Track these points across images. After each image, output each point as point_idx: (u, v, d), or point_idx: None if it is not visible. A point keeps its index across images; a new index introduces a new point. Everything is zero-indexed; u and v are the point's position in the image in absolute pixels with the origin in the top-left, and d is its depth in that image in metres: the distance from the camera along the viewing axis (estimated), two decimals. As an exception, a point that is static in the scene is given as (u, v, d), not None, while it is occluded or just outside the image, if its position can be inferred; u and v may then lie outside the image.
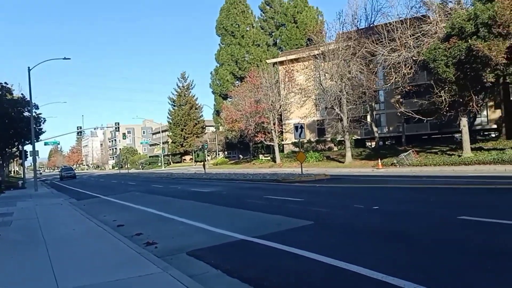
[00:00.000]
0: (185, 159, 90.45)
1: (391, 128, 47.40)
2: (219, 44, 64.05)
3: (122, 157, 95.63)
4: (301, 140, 24.67)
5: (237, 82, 61.52)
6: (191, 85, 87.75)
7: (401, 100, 36.54)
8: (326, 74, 35.77)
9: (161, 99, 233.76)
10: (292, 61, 47.13)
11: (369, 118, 44.67)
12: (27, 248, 8.09)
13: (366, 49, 32.44)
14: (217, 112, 66.07)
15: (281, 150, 51.15)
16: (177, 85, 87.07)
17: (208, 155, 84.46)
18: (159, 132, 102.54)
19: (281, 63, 48.32)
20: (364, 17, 35.10)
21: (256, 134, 46.13)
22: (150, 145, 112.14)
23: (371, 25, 34.61)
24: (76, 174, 63.00)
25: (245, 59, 60.90)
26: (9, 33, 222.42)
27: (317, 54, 35.36)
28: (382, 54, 25.66)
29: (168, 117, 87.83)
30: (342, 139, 47.82)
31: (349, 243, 6.77)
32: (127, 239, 8.46)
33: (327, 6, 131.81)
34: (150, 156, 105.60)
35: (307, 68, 39.84)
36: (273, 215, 9.79)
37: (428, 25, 24.11)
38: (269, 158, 50.71)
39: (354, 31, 34.24)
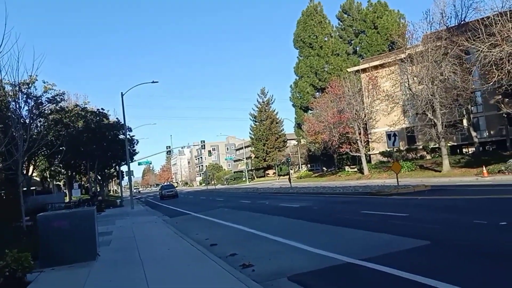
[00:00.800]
0: (268, 174, 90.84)
1: (492, 132, 42.89)
2: (297, 57, 63.76)
3: (209, 174, 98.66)
4: (392, 148, 22.85)
5: (317, 93, 60.52)
6: (271, 100, 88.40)
7: (504, 100, 32.80)
8: (415, 78, 33.41)
9: (242, 116, 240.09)
10: (375, 67, 45.04)
11: (466, 122, 40.89)
12: (125, 269, 8.00)
13: (460, 47, 29.77)
14: (298, 125, 65.44)
15: (368, 161, 48.81)
16: (257, 101, 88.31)
17: (291, 169, 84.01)
18: (242, 148, 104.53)
19: (364, 70, 46.45)
20: (453, 14, 32.12)
21: (340, 145, 44.57)
22: (234, 161, 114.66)
23: (463, 22, 31.75)
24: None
25: (324, 70, 59.77)
26: (102, 64, 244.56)
27: (404, 58, 33.23)
28: (481, 51, 23.11)
29: (250, 133, 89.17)
30: (436, 146, 44.50)
31: (486, 271, 5.58)
32: (222, 260, 8.03)
33: (407, 8, 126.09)
34: (234, 172, 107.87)
35: (393, 73, 37.67)
36: (377, 233, 8.75)
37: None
38: (355, 169, 48.68)
39: (444, 30, 31.64)
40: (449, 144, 42.65)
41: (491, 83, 24.39)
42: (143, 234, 13.58)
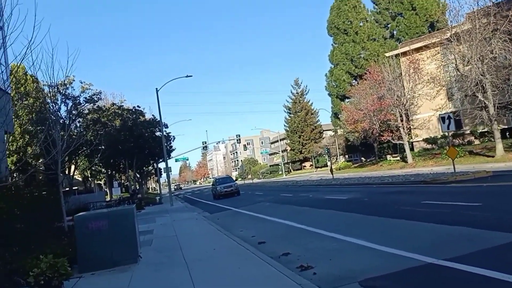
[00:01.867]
0: (305, 166, 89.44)
1: (547, 113, 39.77)
2: (332, 44, 61.78)
3: (245, 168, 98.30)
4: (447, 132, 21.04)
5: (354, 81, 58.49)
6: (305, 90, 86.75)
7: None
8: (463, 58, 31.17)
9: (276, 108, 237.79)
10: (417, 50, 42.78)
11: (517, 103, 38.12)
12: (169, 272, 7.26)
13: (511, 23, 27.47)
14: (335, 115, 63.60)
15: (411, 149, 46.53)
16: (291, 92, 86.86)
17: (328, 160, 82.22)
18: (277, 141, 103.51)
19: (403, 54, 44.16)
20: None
21: (381, 133, 42.67)
22: (270, 155, 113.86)
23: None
24: (204, 187, 58.32)
25: (361, 56, 57.57)
26: (137, 62, 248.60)
27: (450, 36, 31.05)
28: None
29: (285, 125, 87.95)
30: (484, 130, 41.87)
31: None
32: (274, 261, 7.15)
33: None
34: (270, 165, 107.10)
35: (438, 53, 35.51)
36: (453, 227, 7.57)
37: None
38: (398, 158, 46.62)
39: (493, 4, 29.26)
40: (499, 128, 40.01)
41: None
42: (185, 232, 12.93)
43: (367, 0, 61.68)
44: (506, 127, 42.36)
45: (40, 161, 32.33)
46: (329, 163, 74.15)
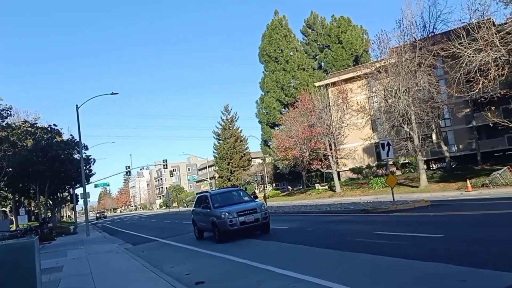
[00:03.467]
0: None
1: (460, 146, 42.72)
2: (263, 72, 62.34)
3: (171, 196, 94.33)
4: (386, 159, 20.81)
5: (283, 110, 59.12)
6: (235, 117, 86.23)
7: (490, 107, 32.12)
8: (390, 90, 32.38)
9: (205, 134, 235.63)
10: (345, 80, 44.26)
11: (435, 136, 40.54)
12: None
13: (434, 57, 29.18)
14: (265, 142, 63.58)
15: (338, 178, 47.32)
16: (221, 118, 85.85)
17: (255, 188, 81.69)
18: (205, 168, 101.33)
19: (333, 84, 45.43)
20: (421, 26, 31.53)
21: (311, 162, 42.90)
22: (197, 182, 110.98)
23: (433, 34, 31.30)
24: (125, 215, 61.52)
25: (291, 85, 58.57)
26: (55, 74, 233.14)
27: (379, 67, 32.20)
28: (468, 55, 22.07)
29: (213, 151, 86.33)
30: (405, 161, 43.93)
31: None
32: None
33: (368, 22, 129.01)
34: (197, 193, 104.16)
35: (365, 85, 36.77)
36: (429, 263, 6.56)
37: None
38: (326, 187, 47.10)
39: (419, 40, 30.99)
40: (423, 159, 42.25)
41: (475, 90, 23.42)
42: (102, 269, 10.80)
43: (297, 31, 63.39)
44: (425, 158, 44.85)
45: None
46: (257, 191, 73.68)
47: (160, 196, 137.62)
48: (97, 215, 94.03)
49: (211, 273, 8.80)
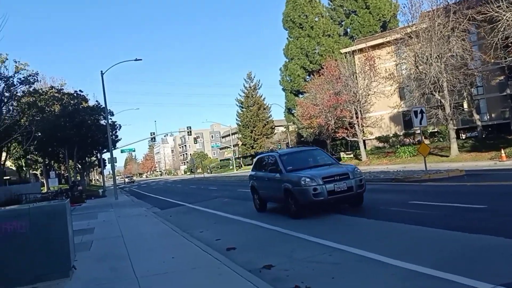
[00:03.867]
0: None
1: (493, 115, 41.13)
2: (287, 38, 60.85)
3: (195, 162, 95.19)
4: (419, 127, 19.85)
5: (308, 77, 57.91)
6: (258, 85, 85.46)
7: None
8: (422, 56, 31.01)
9: (228, 102, 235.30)
10: (373, 47, 42.70)
11: (466, 104, 39.09)
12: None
13: (470, 22, 27.60)
14: (288, 110, 62.88)
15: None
16: (244, 86, 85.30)
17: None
18: (228, 135, 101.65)
19: (360, 50, 43.90)
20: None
21: (336, 130, 42.20)
22: (220, 149, 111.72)
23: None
24: (151, 180, 63.18)
25: (316, 52, 57.07)
26: (81, 41, 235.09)
27: (410, 33, 30.77)
28: (506, 19, 20.71)
29: (237, 119, 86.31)
30: (434, 130, 42.72)
31: None
32: (256, 277, 5.42)
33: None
34: (220, 160, 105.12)
35: (396, 51, 35.38)
36: (475, 235, 6.21)
37: None
38: (351, 155, 46.49)
39: (454, 3, 29.32)
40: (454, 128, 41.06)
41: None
42: (133, 232, 10.89)
43: (321, -2, 61.09)
44: (456, 127, 43.49)
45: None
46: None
47: (184, 162, 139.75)
48: (126, 179, 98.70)
49: (241, 238, 8.70)
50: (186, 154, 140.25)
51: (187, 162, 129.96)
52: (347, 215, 9.78)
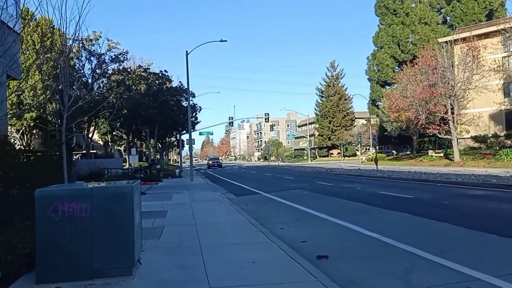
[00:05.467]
0: (332, 154, 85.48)
1: None
2: (378, 25, 57.16)
3: (271, 149, 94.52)
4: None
5: (397, 68, 53.91)
6: (341, 74, 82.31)
7: None
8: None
9: (306, 91, 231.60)
10: (478, 37, 38.19)
11: None
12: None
13: None
14: (373, 102, 59.40)
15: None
16: (326, 74, 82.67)
17: (357, 149, 78.09)
18: (305, 125, 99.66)
19: (463, 40, 39.39)
20: None
21: (426, 126, 38.52)
22: (296, 138, 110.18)
23: None
24: (226, 164, 63.43)
25: (409, 40, 52.83)
26: (169, 23, 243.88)
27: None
28: None
29: (315, 109, 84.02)
30: (544, 133, 37.44)
31: None
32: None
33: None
34: (295, 149, 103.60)
35: (507, 41, 31.10)
36: None
37: None
38: (440, 154, 42.42)
39: None
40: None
41: None
42: (207, 220, 9.85)
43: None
44: None
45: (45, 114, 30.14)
46: (359, 153, 70.23)
47: (258, 149, 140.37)
48: (210, 162, 68.96)
49: (334, 244, 7.18)
50: (261, 141, 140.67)
51: (261, 149, 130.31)
52: (473, 229, 7.81)
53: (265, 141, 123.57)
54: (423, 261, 5.74)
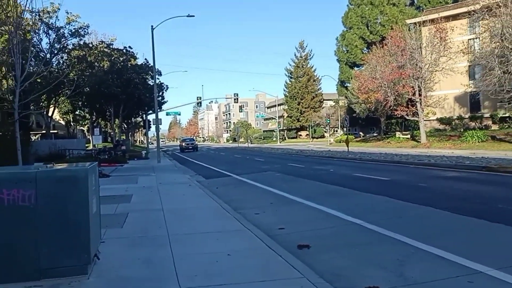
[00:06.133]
0: (301, 135, 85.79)
1: None
2: (347, 5, 56.82)
3: (240, 130, 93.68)
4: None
5: (365, 49, 53.95)
6: (310, 55, 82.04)
7: None
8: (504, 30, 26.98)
9: (275, 71, 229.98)
10: (446, 18, 38.43)
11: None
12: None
13: None
14: (341, 83, 59.47)
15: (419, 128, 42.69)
16: (294, 55, 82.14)
17: (325, 131, 78.58)
18: (274, 106, 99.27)
19: (431, 21, 39.54)
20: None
21: (395, 108, 38.79)
22: (265, 119, 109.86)
23: None
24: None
25: (377, 21, 52.84)
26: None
27: (498, 1, 26.73)
28: None
29: (284, 90, 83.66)
30: (506, 115, 38.47)
31: None
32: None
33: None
34: (264, 131, 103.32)
35: (474, 23, 31.32)
36: None
37: None
38: (407, 136, 43.02)
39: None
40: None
41: None
42: (175, 205, 9.15)
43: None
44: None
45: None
46: (327, 134, 70.63)
47: (227, 131, 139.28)
48: (183, 143, 54.75)
49: (314, 232, 6.64)
50: (230, 122, 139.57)
51: (230, 130, 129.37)
52: (458, 213, 7.47)
53: (234, 123, 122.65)
54: (414, 250, 5.28)
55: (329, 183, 12.54)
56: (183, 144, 53.06)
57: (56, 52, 33.09)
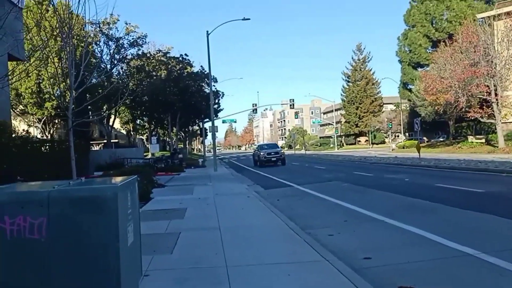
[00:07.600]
0: (359, 141, 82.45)
1: None
2: (409, 2, 53.59)
3: (296, 137, 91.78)
4: None
5: (430, 48, 50.44)
6: (368, 57, 78.83)
7: None
8: None
9: (331, 76, 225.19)
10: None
11: None
12: None
13: None
14: (404, 85, 56.10)
15: (495, 131, 38.61)
16: (352, 58, 79.34)
17: (386, 136, 74.83)
18: (330, 112, 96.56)
19: (507, 14, 35.83)
20: None
21: (467, 109, 35.45)
22: (321, 125, 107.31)
23: None
24: (250, 153, 47.45)
25: (443, 18, 49.21)
26: (187, 5, 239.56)
27: None
28: None
29: (341, 94, 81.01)
30: None
31: None
32: None
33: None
34: (320, 137, 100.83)
35: None
36: None
37: None
38: (482, 140, 39.23)
39: None
40: None
41: None
42: (234, 224, 7.90)
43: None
44: None
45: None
46: (387, 140, 67.04)
47: (282, 138, 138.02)
48: (262, 153, 32.24)
49: (410, 262, 5.09)
50: (285, 129, 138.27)
51: (285, 137, 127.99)
52: None
53: (289, 129, 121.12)
54: None
55: (408, 195, 10.75)
56: (261, 154, 31.38)
57: (116, 63, 33.64)
